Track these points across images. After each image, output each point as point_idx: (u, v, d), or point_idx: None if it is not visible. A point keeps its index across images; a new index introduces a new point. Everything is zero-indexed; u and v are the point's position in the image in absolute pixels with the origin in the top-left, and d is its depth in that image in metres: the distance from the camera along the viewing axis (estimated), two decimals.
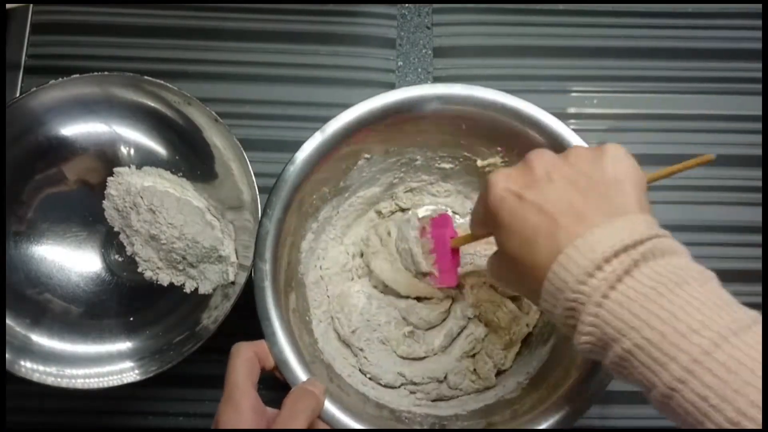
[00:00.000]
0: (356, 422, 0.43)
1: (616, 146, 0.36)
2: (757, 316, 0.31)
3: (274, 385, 0.42)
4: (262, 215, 0.46)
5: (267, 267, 0.45)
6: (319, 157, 0.48)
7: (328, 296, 0.54)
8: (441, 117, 0.49)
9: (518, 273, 0.36)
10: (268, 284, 0.45)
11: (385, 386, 0.52)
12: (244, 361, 0.40)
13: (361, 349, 0.52)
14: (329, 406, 0.42)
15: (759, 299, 0.58)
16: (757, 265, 0.59)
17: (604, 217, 0.33)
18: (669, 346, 0.29)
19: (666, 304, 0.30)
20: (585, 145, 0.46)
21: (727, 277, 0.59)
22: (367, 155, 0.52)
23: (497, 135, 0.50)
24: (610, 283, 0.31)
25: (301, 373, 0.43)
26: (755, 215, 0.60)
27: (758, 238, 0.59)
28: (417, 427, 0.47)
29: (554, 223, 0.33)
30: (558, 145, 0.47)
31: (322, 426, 0.42)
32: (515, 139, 0.49)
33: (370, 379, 0.52)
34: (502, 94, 0.48)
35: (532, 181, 0.35)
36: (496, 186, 0.36)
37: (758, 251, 0.59)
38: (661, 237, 0.33)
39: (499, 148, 0.51)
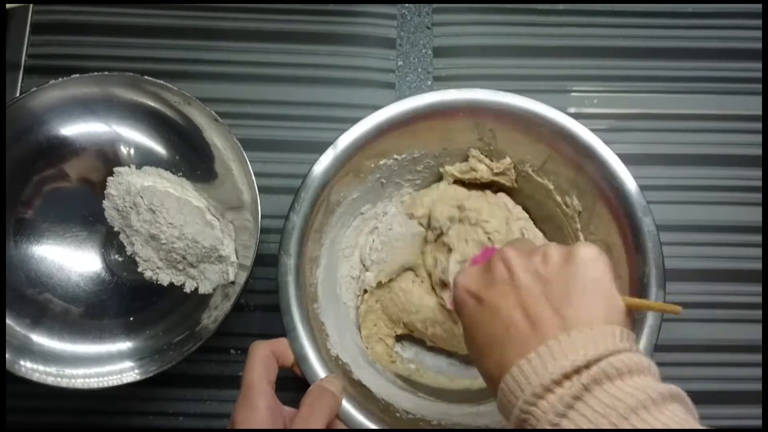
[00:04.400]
0: (371, 422, 0.43)
1: (588, 248, 0.34)
2: None
3: (289, 386, 0.42)
4: (290, 209, 0.46)
5: (291, 262, 0.46)
6: (350, 154, 0.48)
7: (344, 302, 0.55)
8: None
9: (480, 368, 0.35)
10: (291, 279, 0.46)
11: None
12: (261, 360, 0.40)
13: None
14: (346, 405, 0.43)
15: (759, 299, 0.58)
16: (757, 265, 0.59)
17: (561, 330, 0.31)
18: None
19: None
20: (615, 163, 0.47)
21: (727, 277, 0.60)
22: (396, 155, 0.52)
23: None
24: (558, 410, 0.29)
25: (320, 370, 0.43)
26: (755, 215, 0.60)
27: (758, 238, 0.59)
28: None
29: (509, 329, 0.32)
30: (586, 155, 0.48)
31: (340, 425, 0.42)
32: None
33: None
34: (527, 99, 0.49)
35: (492, 281, 0.34)
36: (457, 287, 0.36)
37: (758, 251, 0.59)
38: (623, 352, 0.30)
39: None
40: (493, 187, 0.56)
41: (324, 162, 0.48)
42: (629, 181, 0.47)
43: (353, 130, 0.48)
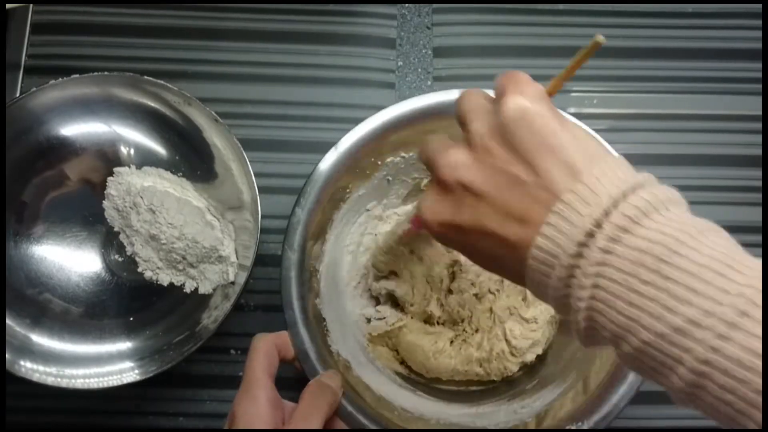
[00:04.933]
0: (370, 420, 0.43)
1: (514, 98, 0.29)
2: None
3: (289, 386, 0.42)
4: (295, 204, 0.47)
5: (295, 257, 0.46)
6: (356, 152, 0.48)
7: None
8: None
9: (499, 274, 0.33)
10: (294, 274, 0.46)
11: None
12: (264, 353, 0.40)
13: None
14: (345, 402, 0.43)
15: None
16: None
17: (548, 206, 0.27)
18: (680, 337, 0.24)
19: (660, 282, 0.24)
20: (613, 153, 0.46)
21: None
22: (403, 153, 0.52)
23: None
24: (597, 260, 0.26)
25: (320, 366, 0.43)
26: (755, 215, 0.60)
27: (758, 238, 0.59)
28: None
29: (504, 241, 0.29)
30: None
31: (338, 422, 0.42)
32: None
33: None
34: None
35: (456, 202, 0.30)
36: (431, 225, 0.32)
37: (758, 251, 0.59)
38: (646, 186, 0.27)
39: None
40: None
41: (330, 158, 0.48)
42: None
43: (360, 128, 0.49)
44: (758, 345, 0.22)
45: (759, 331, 0.23)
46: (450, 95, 0.49)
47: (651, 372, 0.26)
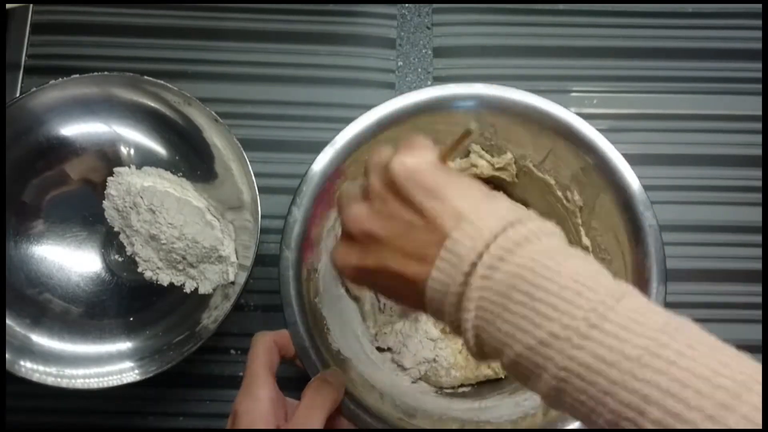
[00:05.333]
0: (371, 417, 0.43)
1: (402, 157, 0.33)
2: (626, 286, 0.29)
3: (290, 386, 0.42)
4: (291, 203, 0.46)
5: (292, 256, 0.46)
6: (351, 149, 0.48)
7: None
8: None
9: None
10: (292, 273, 0.46)
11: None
12: (265, 351, 0.40)
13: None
14: (346, 399, 0.43)
15: (759, 299, 0.58)
16: (757, 265, 0.59)
17: (439, 245, 0.30)
18: (544, 348, 0.27)
19: (526, 299, 0.28)
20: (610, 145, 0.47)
21: (727, 277, 0.60)
22: None
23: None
24: (472, 302, 0.29)
25: (319, 364, 0.44)
26: (755, 215, 0.60)
27: (758, 238, 0.59)
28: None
29: (405, 279, 0.32)
30: (587, 149, 0.48)
31: (340, 419, 0.43)
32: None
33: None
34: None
35: (362, 248, 0.34)
36: (343, 270, 0.35)
37: (758, 251, 0.59)
38: (522, 221, 0.30)
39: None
40: (491, 183, 0.56)
41: (325, 156, 0.48)
42: (630, 177, 0.47)
43: (354, 125, 0.48)
44: (606, 352, 0.26)
45: (607, 340, 0.26)
46: (444, 90, 0.49)
47: (525, 379, 0.29)
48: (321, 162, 0.48)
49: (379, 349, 0.54)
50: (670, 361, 0.25)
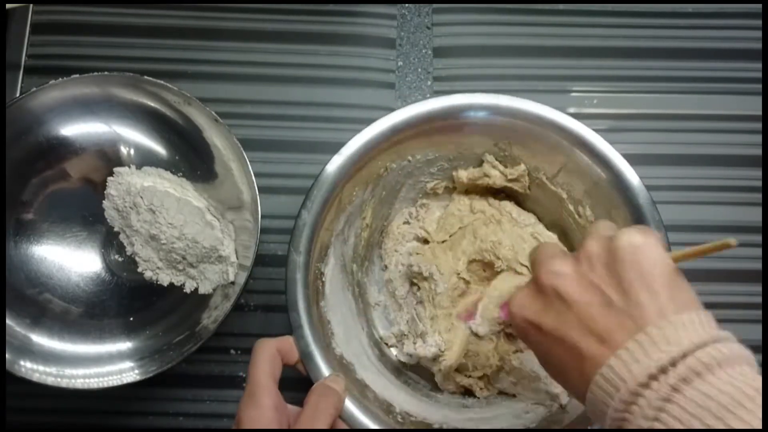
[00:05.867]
0: (374, 422, 0.43)
1: (631, 234, 0.31)
2: None
3: (290, 386, 0.42)
4: (301, 207, 0.46)
5: (300, 259, 0.46)
6: (363, 154, 0.48)
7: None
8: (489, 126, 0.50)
9: (563, 385, 0.34)
10: (299, 276, 0.46)
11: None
12: (267, 358, 0.40)
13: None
14: (349, 405, 0.43)
15: (759, 299, 0.58)
16: (757, 265, 0.59)
17: (630, 333, 0.29)
18: None
19: None
20: (629, 169, 0.47)
21: (727, 277, 0.60)
22: (410, 157, 0.52)
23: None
24: (646, 415, 0.27)
25: (324, 368, 0.43)
26: (755, 215, 0.60)
27: (758, 238, 0.59)
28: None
29: (578, 353, 0.30)
30: (603, 165, 0.48)
31: (342, 425, 0.43)
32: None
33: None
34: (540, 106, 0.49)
35: (546, 304, 0.33)
36: (515, 317, 0.34)
37: (758, 251, 0.59)
38: (709, 344, 0.28)
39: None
40: (503, 193, 0.56)
41: (337, 161, 0.48)
42: (643, 196, 0.47)
43: (368, 131, 0.48)
44: None
45: None
46: (461, 99, 0.49)
47: None
48: (332, 166, 0.48)
49: (381, 352, 0.54)
50: None
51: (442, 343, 0.52)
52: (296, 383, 0.44)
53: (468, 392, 0.53)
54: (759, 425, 0.25)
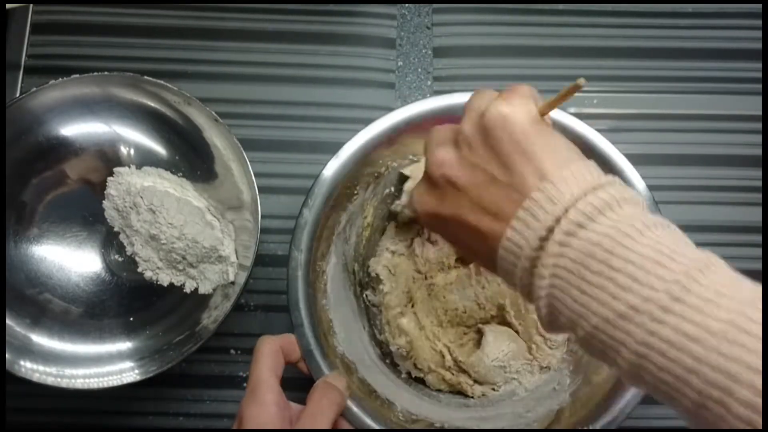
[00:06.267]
0: (375, 421, 0.43)
1: (498, 105, 0.31)
2: (710, 255, 0.28)
3: (291, 387, 0.42)
4: (303, 205, 0.47)
5: (302, 257, 0.46)
6: (364, 154, 0.48)
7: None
8: None
9: (476, 261, 0.36)
10: (301, 274, 0.46)
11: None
12: (269, 355, 0.40)
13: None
14: (350, 403, 0.43)
15: None
16: (757, 265, 0.59)
17: (517, 204, 0.30)
18: (622, 322, 0.26)
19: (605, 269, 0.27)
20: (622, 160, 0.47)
21: None
22: (412, 156, 0.52)
23: None
24: (554, 252, 0.28)
25: (326, 367, 0.43)
26: (755, 215, 0.60)
27: (758, 238, 0.59)
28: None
29: (479, 233, 0.32)
30: (604, 165, 0.47)
31: (344, 423, 0.43)
32: None
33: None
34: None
35: (441, 194, 0.34)
36: (419, 213, 0.35)
37: (758, 251, 0.59)
38: (605, 186, 0.29)
39: None
40: None
41: (338, 160, 0.48)
42: (645, 196, 0.47)
43: (369, 130, 0.48)
44: (690, 327, 0.24)
45: (691, 314, 0.25)
46: (467, 98, 0.49)
47: (601, 354, 0.28)
48: (333, 165, 0.48)
49: (383, 352, 0.54)
50: (758, 337, 0.24)
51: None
52: (298, 383, 0.44)
53: (461, 392, 0.53)
54: (642, 254, 0.26)
